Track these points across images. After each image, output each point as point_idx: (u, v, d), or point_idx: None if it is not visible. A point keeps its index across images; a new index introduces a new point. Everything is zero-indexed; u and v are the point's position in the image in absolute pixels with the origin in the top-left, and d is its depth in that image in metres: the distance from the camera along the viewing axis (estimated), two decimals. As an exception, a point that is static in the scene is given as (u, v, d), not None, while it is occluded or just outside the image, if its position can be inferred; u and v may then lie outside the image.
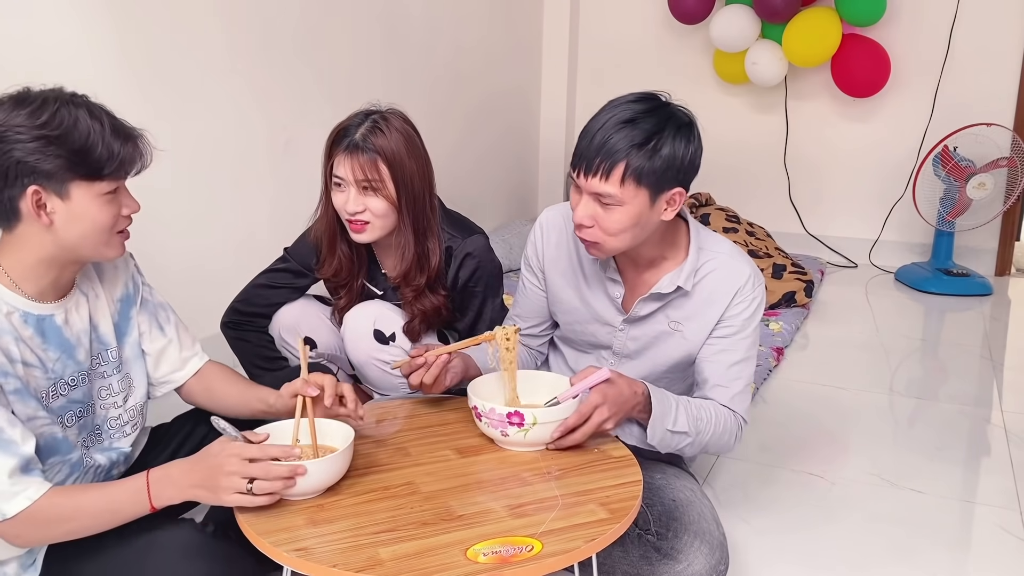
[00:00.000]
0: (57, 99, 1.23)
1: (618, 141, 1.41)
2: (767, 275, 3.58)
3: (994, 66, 3.97)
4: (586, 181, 1.45)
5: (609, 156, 1.41)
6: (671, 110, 1.47)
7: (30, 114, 1.20)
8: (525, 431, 1.40)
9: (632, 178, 1.42)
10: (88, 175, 1.24)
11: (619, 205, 1.44)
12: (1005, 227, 4.14)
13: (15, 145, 1.19)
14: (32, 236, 1.25)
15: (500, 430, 1.41)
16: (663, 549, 1.47)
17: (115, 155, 1.25)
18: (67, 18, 2.02)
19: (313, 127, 2.88)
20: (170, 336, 1.53)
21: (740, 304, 1.60)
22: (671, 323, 1.63)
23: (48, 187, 1.22)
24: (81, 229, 1.26)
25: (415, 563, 1.12)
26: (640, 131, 1.41)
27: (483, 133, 4.16)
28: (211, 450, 1.26)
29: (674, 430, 1.54)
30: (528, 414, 1.39)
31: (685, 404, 1.57)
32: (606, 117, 1.44)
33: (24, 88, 1.25)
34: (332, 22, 2.95)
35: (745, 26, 4.04)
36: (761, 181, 4.49)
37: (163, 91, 2.28)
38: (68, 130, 1.21)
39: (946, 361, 3.11)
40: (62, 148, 1.21)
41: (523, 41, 4.47)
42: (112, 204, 1.28)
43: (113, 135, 1.25)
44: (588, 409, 1.42)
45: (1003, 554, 1.85)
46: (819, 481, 2.15)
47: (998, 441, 2.40)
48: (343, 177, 1.75)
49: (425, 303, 1.88)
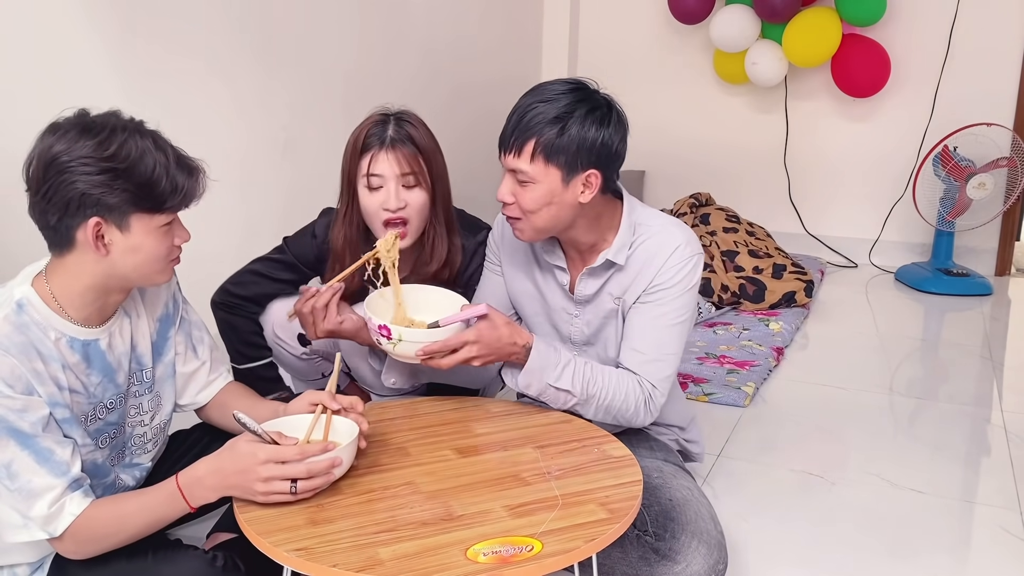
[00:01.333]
0: (124, 128, 1.21)
1: (531, 119, 1.48)
2: (767, 275, 3.58)
3: (994, 66, 3.98)
4: (504, 158, 1.52)
5: (522, 133, 1.48)
6: (589, 93, 1.52)
7: (97, 145, 1.18)
8: (393, 344, 1.51)
9: (541, 155, 1.48)
10: (150, 208, 1.23)
11: (532, 182, 1.50)
12: (1005, 227, 4.14)
13: (80, 177, 1.17)
14: (84, 264, 1.25)
15: (376, 338, 1.53)
16: (661, 550, 1.47)
17: (179, 189, 1.24)
18: (67, 18, 2.02)
19: (313, 127, 2.88)
20: (203, 359, 1.54)
21: (670, 269, 1.60)
22: (615, 300, 1.65)
23: (109, 219, 1.21)
24: (136, 260, 1.25)
25: (415, 563, 1.12)
26: (553, 109, 1.47)
27: (483, 133, 4.15)
28: (240, 450, 1.25)
29: (557, 386, 1.55)
30: (395, 331, 1.49)
31: (579, 365, 1.57)
32: (528, 99, 1.51)
33: (82, 112, 1.23)
34: (332, 22, 2.96)
35: (745, 26, 4.04)
36: (761, 181, 4.49)
37: (163, 91, 2.28)
38: (135, 163, 1.19)
39: (946, 361, 3.11)
40: (128, 182, 1.19)
41: (523, 40, 4.47)
42: (168, 235, 1.28)
43: (178, 168, 1.24)
44: (457, 342, 1.51)
45: (1003, 554, 1.85)
46: (819, 481, 2.15)
47: (998, 441, 2.40)
48: (383, 173, 1.73)
49: None
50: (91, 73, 2.08)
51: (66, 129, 1.19)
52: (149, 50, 2.23)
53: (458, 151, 3.89)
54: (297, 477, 1.23)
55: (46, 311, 1.25)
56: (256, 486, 1.22)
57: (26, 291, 1.26)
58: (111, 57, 2.14)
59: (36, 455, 1.20)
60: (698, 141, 4.57)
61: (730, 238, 3.77)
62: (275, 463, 1.22)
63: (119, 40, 2.15)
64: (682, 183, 4.48)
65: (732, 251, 3.70)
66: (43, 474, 1.20)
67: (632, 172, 4.63)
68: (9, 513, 1.21)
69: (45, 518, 1.20)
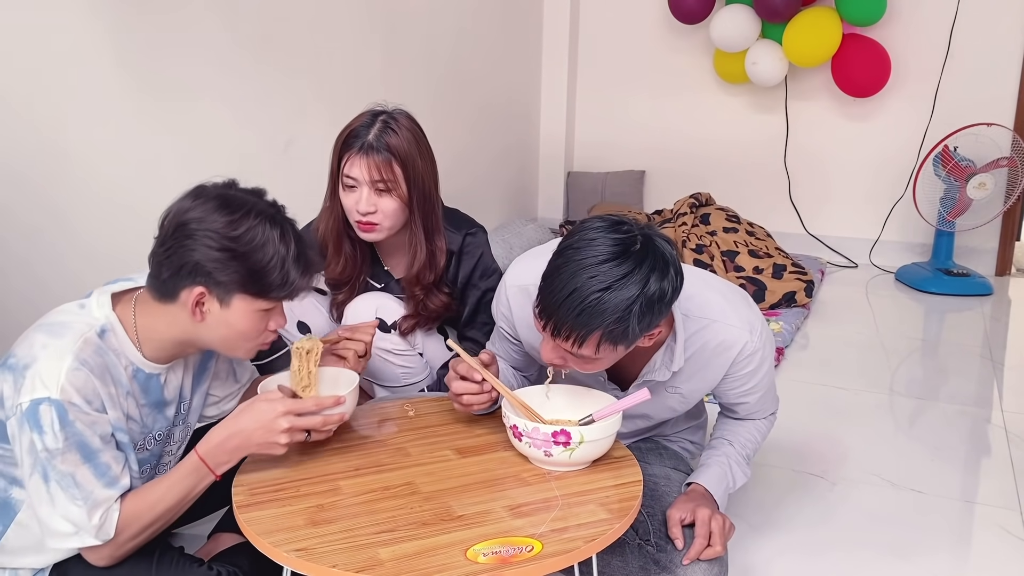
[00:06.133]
0: (259, 213, 1.27)
1: (593, 313, 1.26)
2: (767, 275, 3.58)
3: (994, 66, 3.97)
4: (554, 341, 1.33)
5: (580, 327, 1.28)
6: (646, 269, 1.28)
7: (228, 223, 1.24)
8: (571, 450, 1.34)
9: (608, 343, 1.31)
10: (256, 293, 1.28)
11: (593, 359, 1.35)
12: (1005, 227, 4.14)
13: (201, 247, 1.23)
14: (177, 320, 1.30)
15: (543, 450, 1.35)
16: (662, 562, 1.46)
17: (289, 283, 1.29)
18: (67, 18, 2.02)
19: (313, 128, 2.88)
20: (242, 382, 1.60)
21: (742, 366, 1.55)
22: (668, 388, 1.59)
23: (214, 292, 1.26)
24: (226, 333, 1.31)
25: (415, 563, 1.12)
26: (612, 307, 1.26)
27: (483, 132, 4.16)
28: (261, 409, 1.31)
29: (735, 487, 1.65)
30: (575, 432, 1.33)
31: (735, 459, 1.66)
32: (576, 280, 1.27)
33: (230, 183, 1.31)
34: (333, 23, 2.95)
35: (745, 26, 4.04)
36: (761, 181, 4.49)
37: (163, 91, 2.28)
38: (255, 249, 1.25)
39: (946, 361, 3.10)
40: (243, 265, 1.25)
41: (523, 41, 4.46)
42: (264, 319, 1.33)
43: (294, 263, 1.29)
44: (702, 528, 1.47)
45: (1003, 554, 1.85)
46: (819, 481, 2.15)
47: (998, 441, 2.40)
48: (356, 178, 1.75)
49: (435, 301, 1.89)
50: (91, 74, 2.08)
51: (208, 198, 1.27)
52: (150, 50, 2.23)
53: (458, 151, 3.89)
54: (313, 428, 1.34)
55: (125, 340, 1.31)
56: (279, 438, 1.30)
57: (110, 316, 1.31)
58: (111, 57, 2.13)
59: (95, 469, 1.25)
60: (698, 141, 4.56)
61: (730, 238, 3.77)
62: (295, 415, 1.31)
63: (120, 40, 2.15)
64: (682, 183, 4.48)
65: (732, 251, 3.70)
66: (100, 487, 1.26)
67: (632, 172, 4.63)
68: (59, 522, 1.25)
69: (99, 527, 1.25)
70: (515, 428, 1.37)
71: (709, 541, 1.46)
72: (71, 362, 1.22)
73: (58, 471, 1.22)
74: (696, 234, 3.78)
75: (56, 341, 1.25)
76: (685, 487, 1.62)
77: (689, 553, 1.44)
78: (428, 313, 1.90)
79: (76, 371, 1.22)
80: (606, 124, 4.70)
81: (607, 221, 1.32)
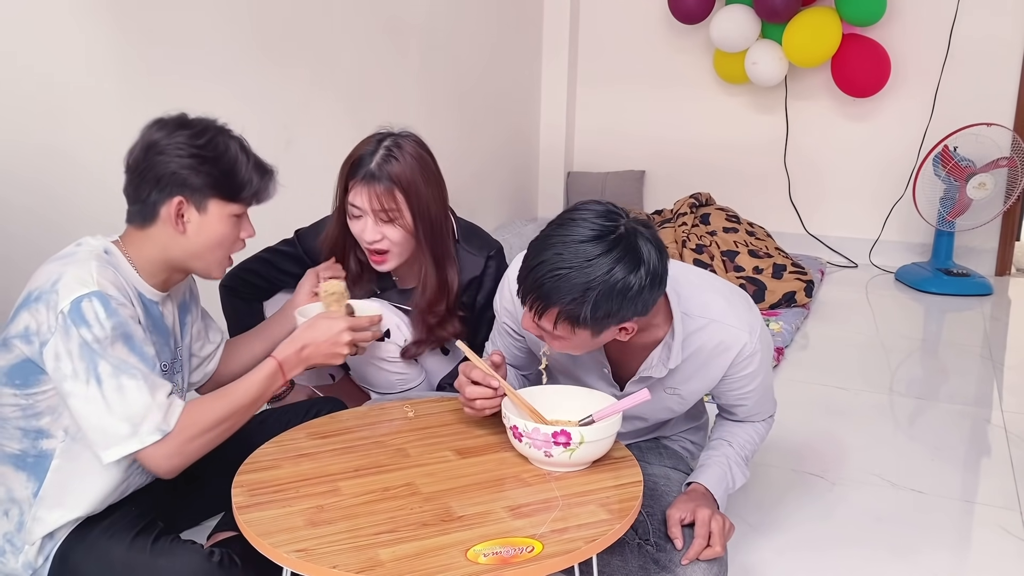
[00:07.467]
0: (216, 129, 1.43)
1: (551, 288, 1.29)
2: (767, 275, 3.58)
3: (994, 66, 3.97)
4: (524, 308, 1.39)
5: (541, 299, 1.31)
6: (614, 258, 1.29)
7: (191, 135, 1.39)
8: (571, 451, 1.34)
9: (565, 322, 1.33)
10: (227, 196, 1.42)
11: (562, 337, 1.37)
12: (1005, 227, 4.14)
13: (173, 159, 1.37)
14: (160, 238, 1.42)
15: (544, 451, 1.35)
16: (661, 561, 1.46)
17: (252, 184, 1.45)
18: (67, 18, 2.01)
19: (314, 127, 2.88)
20: (215, 341, 1.70)
21: (741, 368, 1.56)
22: (666, 388, 1.60)
23: (191, 199, 1.40)
24: (206, 240, 1.43)
25: (415, 564, 1.12)
26: (569, 286, 1.28)
27: (483, 132, 4.16)
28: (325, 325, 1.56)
29: (734, 488, 1.65)
30: (575, 433, 1.33)
31: (734, 459, 1.66)
32: (547, 254, 1.31)
33: (183, 113, 1.44)
34: (333, 22, 2.95)
35: (745, 26, 4.04)
36: (761, 181, 4.49)
37: (163, 90, 2.28)
38: (220, 154, 1.41)
39: (946, 361, 3.11)
40: (213, 168, 1.39)
41: (523, 41, 4.46)
42: (236, 226, 1.47)
43: (255, 168, 1.45)
44: (702, 529, 1.46)
45: (1003, 554, 1.85)
46: (819, 481, 2.15)
47: (998, 441, 2.40)
48: (360, 207, 1.74)
49: (448, 329, 1.86)
50: (91, 71, 2.08)
51: (167, 123, 1.40)
52: (150, 49, 2.23)
53: (458, 151, 3.89)
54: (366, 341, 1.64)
55: (126, 265, 1.42)
56: (342, 349, 1.56)
57: (107, 244, 1.41)
58: (111, 55, 2.13)
59: (144, 361, 1.34)
60: (698, 141, 4.56)
61: (730, 238, 3.77)
62: (353, 331, 1.58)
63: (120, 38, 2.15)
64: (682, 183, 4.48)
65: (732, 251, 3.70)
66: (153, 376, 1.34)
67: (632, 172, 4.63)
68: (117, 425, 1.30)
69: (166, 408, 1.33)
70: (515, 429, 1.37)
71: (709, 541, 1.46)
72: (96, 265, 1.33)
73: (112, 360, 1.29)
74: (696, 234, 3.79)
75: (71, 260, 1.34)
76: (685, 487, 1.62)
77: (689, 553, 1.44)
78: (437, 340, 1.88)
79: (104, 268, 1.34)
80: (606, 124, 4.70)
81: (601, 206, 1.35)
